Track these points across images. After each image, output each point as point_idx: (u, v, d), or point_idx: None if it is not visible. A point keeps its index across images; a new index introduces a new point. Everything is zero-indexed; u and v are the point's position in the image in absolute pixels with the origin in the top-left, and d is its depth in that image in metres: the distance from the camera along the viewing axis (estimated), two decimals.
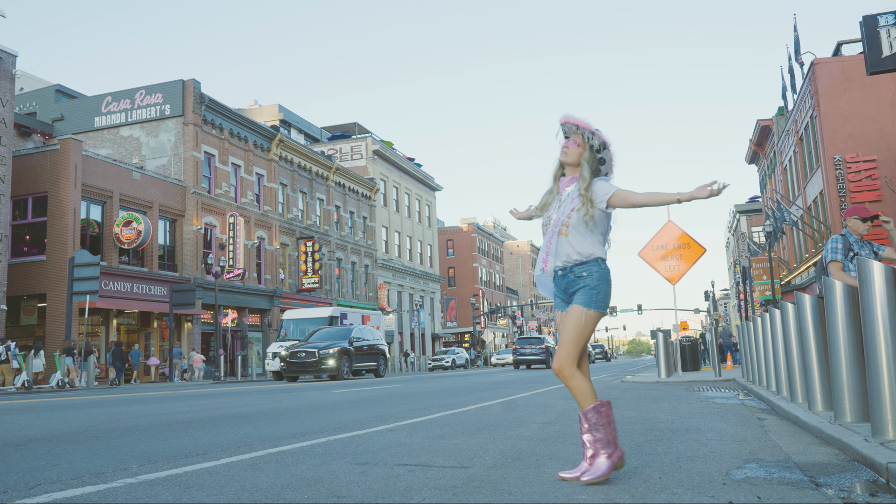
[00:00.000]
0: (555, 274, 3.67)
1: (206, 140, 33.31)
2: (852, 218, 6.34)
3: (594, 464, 3.44)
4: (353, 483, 3.50)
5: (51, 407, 10.54)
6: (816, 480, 3.42)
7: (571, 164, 3.71)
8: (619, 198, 3.54)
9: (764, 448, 4.58)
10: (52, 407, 10.52)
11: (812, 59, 30.06)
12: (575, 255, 3.57)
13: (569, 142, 3.70)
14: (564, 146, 3.71)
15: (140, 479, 3.63)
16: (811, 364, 5.97)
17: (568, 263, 3.59)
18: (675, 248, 16.71)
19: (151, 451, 4.71)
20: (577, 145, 3.67)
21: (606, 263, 3.62)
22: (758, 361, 10.58)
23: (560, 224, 3.63)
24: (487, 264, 74.78)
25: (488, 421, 6.70)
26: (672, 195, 3.48)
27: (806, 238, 34.01)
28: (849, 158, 28.45)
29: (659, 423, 6.22)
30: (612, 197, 3.54)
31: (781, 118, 39.00)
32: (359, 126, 56.22)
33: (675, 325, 20.31)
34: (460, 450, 4.65)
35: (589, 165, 3.64)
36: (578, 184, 3.66)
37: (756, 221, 55.69)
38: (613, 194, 3.54)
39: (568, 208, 3.63)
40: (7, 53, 25.51)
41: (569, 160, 3.69)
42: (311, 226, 41.41)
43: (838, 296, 4.95)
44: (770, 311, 8.52)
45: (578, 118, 3.69)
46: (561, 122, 3.76)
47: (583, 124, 3.67)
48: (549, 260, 3.66)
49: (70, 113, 34.92)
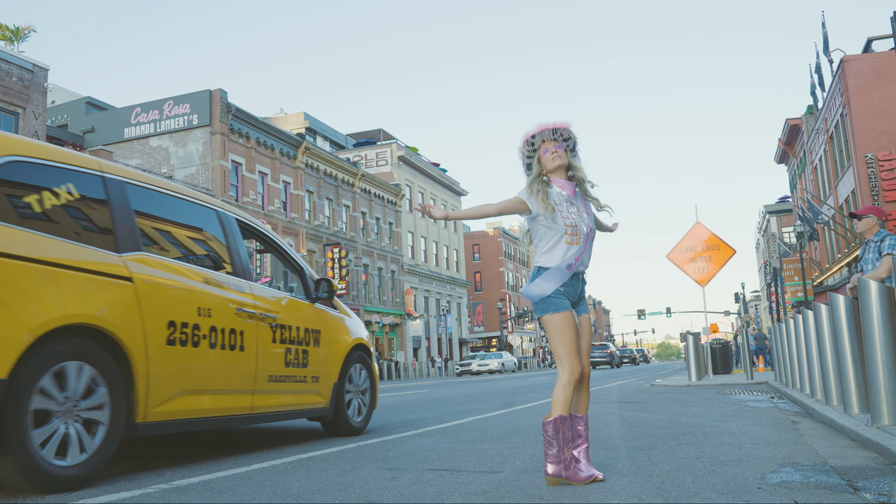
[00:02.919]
0: (574, 276, 3.70)
1: (234, 149, 33.68)
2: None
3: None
4: (383, 488, 3.50)
5: None
6: (854, 484, 3.35)
7: (564, 167, 3.78)
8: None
9: (799, 452, 4.51)
10: None
11: (841, 56, 29.61)
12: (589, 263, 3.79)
13: (552, 145, 3.74)
14: (551, 152, 3.74)
15: (174, 485, 3.66)
16: (846, 366, 5.87)
17: (586, 270, 3.76)
18: (704, 250, 16.53)
19: (186, 457, 4.76)
20: (563, 148, 3.76)
21: None
22: (791, 364, 10.42)
23: (591, 228, 3.74)
24: (514, 268, 74.62)
25: (517, 425, 6.67)
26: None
27: (838, 238, 33.46)
28: (881, 156, 27.95)
29: (691, 427, 6.15)
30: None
31: (811, 117, 38.45)
32: (384, 132, 56.47)
33: (704, 328, 20.05)
34: (490, 455, 4.63)
35: (579, 165, 3.80)
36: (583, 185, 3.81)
37: (786, 222, 54.96)
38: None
39: (589, 216, 3.76)
40: (39, 67, 26.04)
41: (564, 162, 3.77)
42: (337, 232, 41.65)
43: (874, 296, 4.86)
44: (803, 313, 8.40)
45: (556, 123, 3.77)
46: (533, 133, 3.77)
47: (561, 126, 3.77)
48: (582, 259, 3.69)
49: (100, 125, 35.53)
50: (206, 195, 5.15)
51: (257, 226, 5.54)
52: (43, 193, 3.75)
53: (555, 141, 3.74)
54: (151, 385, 4.01)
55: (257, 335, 4.91)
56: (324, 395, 5.69)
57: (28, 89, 25.48)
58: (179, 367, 4.23)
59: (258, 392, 4.93)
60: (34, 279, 3.48)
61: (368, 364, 6.40)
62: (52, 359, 3.49)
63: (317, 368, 5.60)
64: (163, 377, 4.09)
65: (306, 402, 5.52)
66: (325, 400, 5.72)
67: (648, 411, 8.17)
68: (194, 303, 4.38)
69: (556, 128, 3.75)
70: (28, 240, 3.52)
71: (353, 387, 6.13)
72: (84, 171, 4.06)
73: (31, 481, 3.33)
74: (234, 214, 5.32)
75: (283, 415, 5.31)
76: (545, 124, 3.77)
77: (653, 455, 4.49)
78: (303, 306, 5.63)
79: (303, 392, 5.47)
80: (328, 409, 5.75)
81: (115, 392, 3.78)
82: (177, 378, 4.22)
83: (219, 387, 4.59)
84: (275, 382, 5.11)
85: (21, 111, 25.21)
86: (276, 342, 5.12)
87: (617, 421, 6.95)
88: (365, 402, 6.29)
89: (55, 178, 3.85)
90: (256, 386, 4.91)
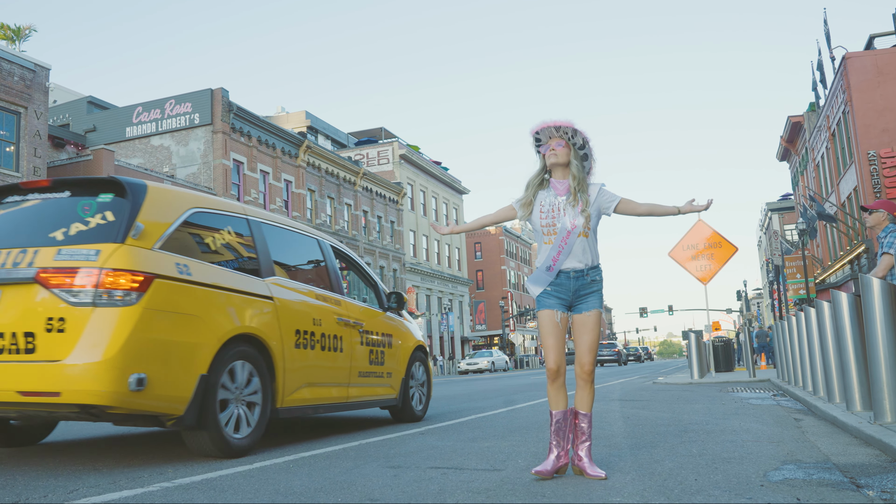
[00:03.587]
0: (560, 275, 3.71)
1: (235, 148, 33.69)
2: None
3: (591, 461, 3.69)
4: (385, 486, 3.50)
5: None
6: (857, 482, 3.35)
7: (561, 165, 3.79)
8: (624, 206, 3.80)
9: (802, 449, 4.50)
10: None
11: (843, 53, 29.54)
12: (592, 258, 3.74)
13: (553, 143, 3.77)
14: (551, 149, 3.78)
15: (176, 483, 3.67)
16: (849, 363, 5.86)
17: (586, 266, 3.72)
18: (705, 248, 16.51)
19: (187, 455, 4.76)
20: (563, 146, 3.76)
21: None
22: (793, 361, 10.41)
23: (576, 225, 3.70)
24: (516, 266, 74.59)
25: (519, 424, 6.68)
26: (672, 207, 3.78)
27: (840, 235, 33.41)
28: (883, 153, 27.89)
29: (693, 425, 6.15)
30: (618, 204, 3.79)
31: (813, 114, 38.36)
32: (385, 131, 56.43)
33: (707, 326, 20.04)
34: (492, 453, 4.64)
35: (577, 163, 3.77)
36: (572, 184, 3.75)
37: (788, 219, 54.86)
38: (619, 202, 3.79)
39: (578, 210, 3.71)
40: (41, 67, 26.05)
41: (560, 161, 3.77)
42: (339, 231, 41.66)
43: (876, 293, 4.85)
44: (805, 310, 8.39)
45: (558, 120, 3.78)
46: (538, 129, 3.82)
47: (564, 124, 3.77)
48: (560, 259, 3.70)
49: (102, 124, 35.55)
50: (309, 227, 5.98)
51: (344, 249, 6.77)
52: (215, 234, 4.92)
53: (558, 139, 3.76)
54: (286, 379, 5.13)
55: (351, 339, 6.06)
56: (395, 388, 6.84)
57: (30, 89, 25.49)
58: (303, 364, 5.34)
59: (352, 385, 6.07)
60: (217, 300, 4.60)
61: (425, 362, 7.60)
62: (228, 359, 4.60)
63: (390, 366, 6.75)
64: (292, 373, 5.21)
65: (383, 394, 6.65)
66: (396, 392, 6.86)
67: (651, 409, 8.17)
68: (310, 314, 5.54)
69: (558, 125, 3.77)
70: (211, 271, 4.67)
71: (415, 381, 7.30)
72: (235, 216, 5.22)
73: (221, 450, 4.49)
74: (329, 241, 6.54)
75: (368, 403, 6.40)
76: (548, 121, 3.79)
77: (655, 453, 4.49)
78: (378, 314, 6.76)
79: (381, 385, 6.59)
80: (398, 399, 6.89)
81: (264, 383, 4.91)
82: (301, 373, 5.34)
83: (327, 380, 5.73)
84: (363, 377, 6.24)
85: (23, 111, 25.22)
86: (363, 345, 6.26)
87: (619, 419, 6.95)
88: (423, 394, 7.48)
89: (220, 223, 5.02)
90: (351, 380, 6.05)
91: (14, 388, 3.99)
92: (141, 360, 4.07)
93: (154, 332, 4.16)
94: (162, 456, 4.76)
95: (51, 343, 3.99)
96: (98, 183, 4.59)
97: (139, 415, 4.21)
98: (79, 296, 4.04)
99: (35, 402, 4.02)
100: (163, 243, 4.42)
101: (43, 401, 3.99)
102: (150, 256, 4.29)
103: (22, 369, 4.01)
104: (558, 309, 3.70)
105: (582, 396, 3.76)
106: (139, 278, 4.15)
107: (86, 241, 4.23)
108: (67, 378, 3.93)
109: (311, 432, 6.19)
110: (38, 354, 4.01)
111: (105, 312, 4.03)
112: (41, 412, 4.20)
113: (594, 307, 3.72)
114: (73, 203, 4.47)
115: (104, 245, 4.18)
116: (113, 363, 3.95)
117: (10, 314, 4.11)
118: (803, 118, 39.90)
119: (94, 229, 4.29)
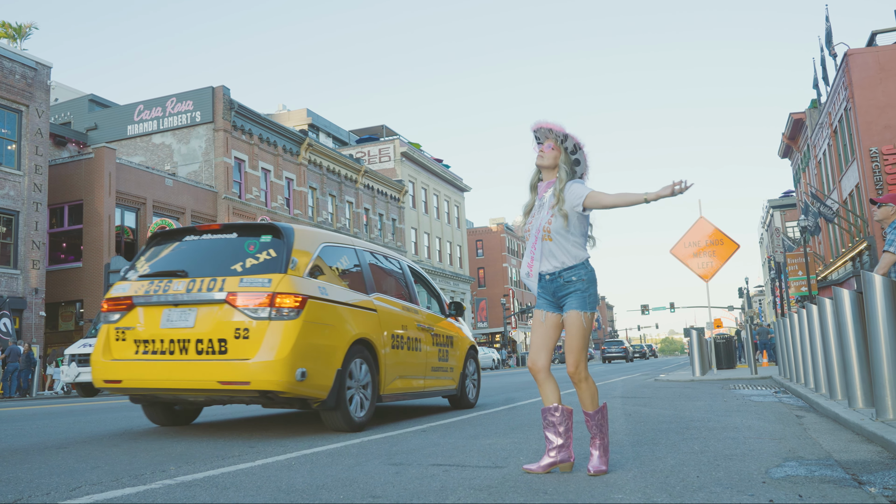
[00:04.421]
0: (541, 278, 3.76)
1: (237, 146, 33.68)
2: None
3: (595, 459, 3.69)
4: (387, 483, 3.51)
5: (89, 410, 10.73)
6: (859, 478, 3.35)
7: (548, 168, 3.82)
8: (591, 199, 3.69)
9: (804, 446, 4.50)
10: (90, 410, 10.71)
11: (845, 50, 29.49)
12: (564, 260, 3.69)
13: (543, 146, 3.81)
14: (540, 150, 3.82)
15: (178, 481, 3.67)
16: (851, 360, 5.85)
17: (557, 268, 3.72)
18: (707, 245, 16.50)
19: (189, 452, 4.77)
20: (552, 148, 3.78)
21: (591, 263, 3.76)
22: (795, 358, 10.40)
23: (542, 229, 3.72)
24: (517, 264, 74.55)
25: (521, 421, 6.68)
26: (639, 195, 3.61)
27: (842, 232, 33.37)
28: (885, 150, 27.86)
29: (695, 422, 6.15)
30: (586, 199, 3.68)
31: (815, 111, 38.31)
32: (386, 128, 56.39)
33: (708, 323, 20.03)
34: (494, 450, 4.64)
35: (565, 167, 3.76)
36: (556, 186, 3.77)
37: (790, 216, 54.79)
38: (587, 196, 3.69)
39: (548, 213, 3.73)
40: (42, 65, 26.05)
41: (545, 163, 3.80)
42: (340, 228, 41.64)
43: (878, 290, 4.85)
44: (807, 307, 8.38)
45: (551, 123, 3.80)
46: (533, 128, 3.86)
47: (556, 128, 3.79)
48: (534, 264, 3.76)
49: (103, 122, 35.55)
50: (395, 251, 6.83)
51: (416, 268, 8.18)
52: (337, 262, 6.31)
53: (550, 141, 3.81)
54: (386, 372, 6.48)
55: (426, 341, 7.45)
56: (455, 381, 8.22)
57: (31, 87, 25.49)
58: (396, 361, 6.68)
59: (427, 377, 7.41)
60: (344, 313, 5.96)
61: (476, 359, 9.01)
62: (351, 357, 5.91)
63: (452, 362, 8.12)
64: (390, 368, 6.55)
65: (447, 385, 7.97)
66: (456, 384, 8.24)
67: (652, 406, 8.17)
68: (400, 321, 6.92)
69: (549, 128, 3.80)
70: (339, 290, 6.05)
71: (469, 374, 8.64)
72: (347, 246, 6.65)
73: (349, 425, 5.80)
74: (406, 261, 8.00)
75: (436, 392, 7.75)
76: (542, 122, 3.83)
77: (657, 449, 4.49)
78: (442, 320, 8.13)
79: (445, 378, 7.91)
80: (457, 389, 8.29)
81: (373, 376, 6.25)
82: (395, 368, 6.68)
83: (412, 374, 7.06)
84: (434, 371, 7.59)
85: (24, 109, 25.23)
86: (434, 345, 7.63)
87: (621, 416, 6.96)
88: (476, 385, 8.88)
89: (339, 253, 6.43)
90: (426, 373, 7.40)
91: (216, 378, 5.29)
92: (302, 359, 5.36)
93: (309, 338, 5.46)
94: (163, 454, 4.76)
95: (239, 346, 5.33)
96: (259, 227, 5.90)
97: (298, 398, 5.52)
98: (258, 312, 5.37)
99: (230, 389, 5.33)
100: (308, 271, 5.77)
101: (236, 388, 5.30)
102: (303, 282, 5.62)
103: (220, 366, 5.31)
104: (547, 309, 3.76)
105: (579, 397, 3.75)
106: (299, 299, 5.47)
107: (258, 272, 5.55)
108: (254, 371, 5.24)
109: (312, 430, 6.19)
110: (230, 355, 5.33)
111: (277, 324, 5.36)
112: (233, 397, 5.53)
113: (572, 308, 3.66)
114: (241, 242, 5.83)
115: (273, 275, 5.50)
116: (286, 361, 5.26)
117: (206, 325, 5.43)
118: (805, 115, 39.85)
119: (263, 263, 5.62)
